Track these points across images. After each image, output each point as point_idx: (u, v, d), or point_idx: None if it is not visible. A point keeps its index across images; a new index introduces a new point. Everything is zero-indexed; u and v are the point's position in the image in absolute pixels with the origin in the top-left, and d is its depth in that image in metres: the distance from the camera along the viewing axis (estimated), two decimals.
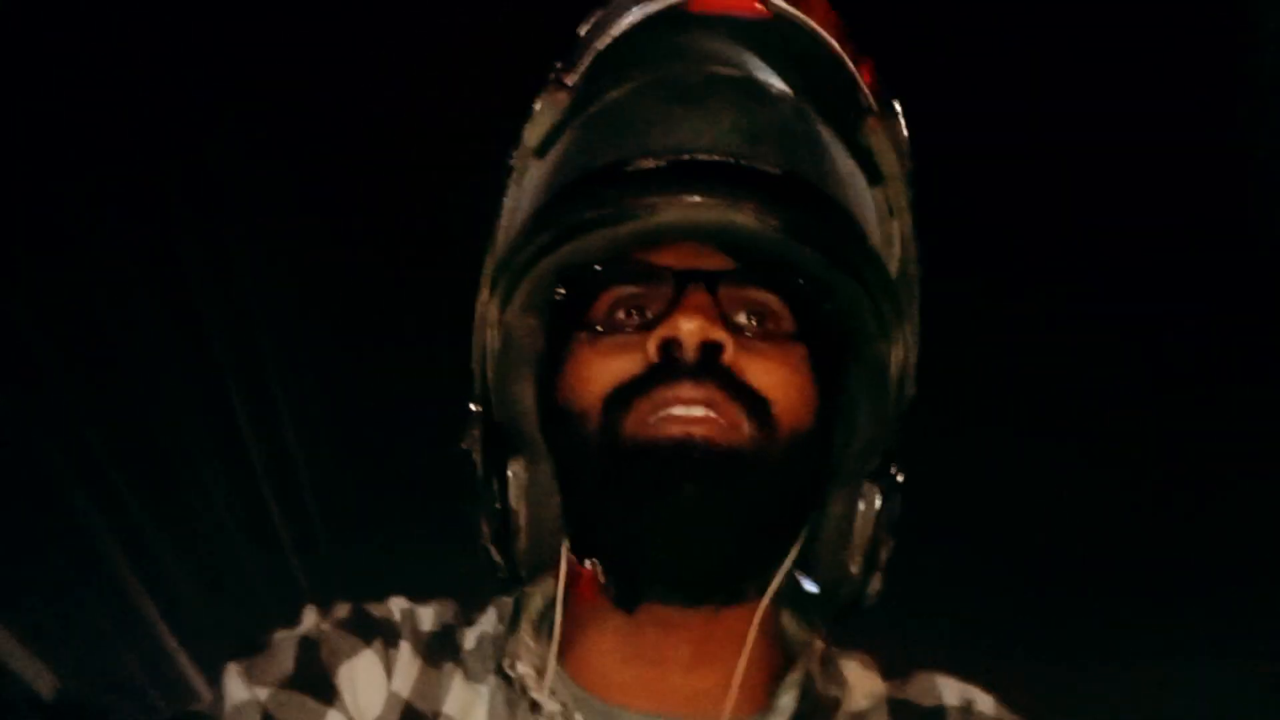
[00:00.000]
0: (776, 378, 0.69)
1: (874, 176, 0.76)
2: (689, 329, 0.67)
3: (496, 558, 0.76)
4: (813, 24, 0.73)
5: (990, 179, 1.98)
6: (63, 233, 2.11)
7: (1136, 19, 1.76)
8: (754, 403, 0.68)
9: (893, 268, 0.76)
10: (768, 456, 0.68)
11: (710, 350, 0.67)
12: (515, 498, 0.73)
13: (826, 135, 0.75)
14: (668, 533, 0.67)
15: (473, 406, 0.77)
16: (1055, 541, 2.77)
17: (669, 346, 0.68)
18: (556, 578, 0.74)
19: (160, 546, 2.85)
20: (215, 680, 0.75)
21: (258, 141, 1.99)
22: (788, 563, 0.72)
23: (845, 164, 0.75)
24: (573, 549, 0.73)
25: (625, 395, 0.68)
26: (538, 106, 0.76)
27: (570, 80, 0.74)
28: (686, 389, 0.67)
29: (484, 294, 0.76)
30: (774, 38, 0.74)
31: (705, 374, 0.67)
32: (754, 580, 0.72)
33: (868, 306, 0.72)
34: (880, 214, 0.76)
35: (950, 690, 0.77)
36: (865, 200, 0.76)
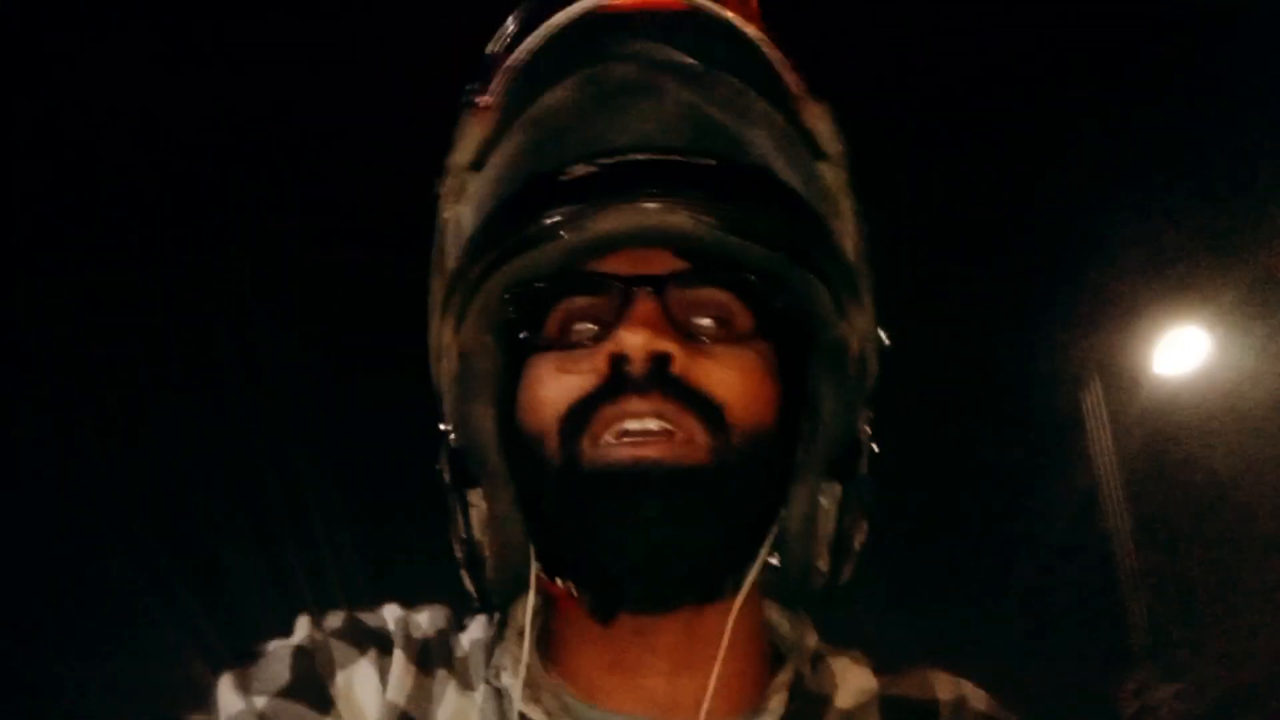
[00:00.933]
0: (730, 380, 0.68)
1: (818, 153, 0.74)
2: (633, 343, 0.66)
3: (468, 585, 0.75)
4: (729, 13, 0.71)
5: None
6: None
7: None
8: (707, 409, 0.67)
9: (847, 245, 0.75)
10: (724, 463, 0.67)
11: (659, 361, 0.67)
12: (478, 529, 0.73)
13: (768, 113, 0.73)
14: (631, 552, 0.67)
15: (442, 427, 0.77)
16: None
17: (617, 361, 0.67)
18: (530, 595, 0.73)
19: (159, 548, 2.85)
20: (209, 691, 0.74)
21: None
22: (761, 557, 0.72)
23: (790, 142, 0.73)
24: (543, 570, 0.73)
25: (578, 415, 0.67)
26: (462, 128, 0.74)
27: (485, 101, 0.73)
28: (634, 403, 0.66)
29: (435, 318, 0.74)
30: (697, 27, 0.72)
31: (653, 386, 0.66)
32: (727, 579, 0.71)
33: (822, 293, 0.71)
34: (830, 191, 0.74)
35: (943, 685, 0.76)
36: (814, 178, 0.74)
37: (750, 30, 0.72)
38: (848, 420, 0.75)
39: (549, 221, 0.68)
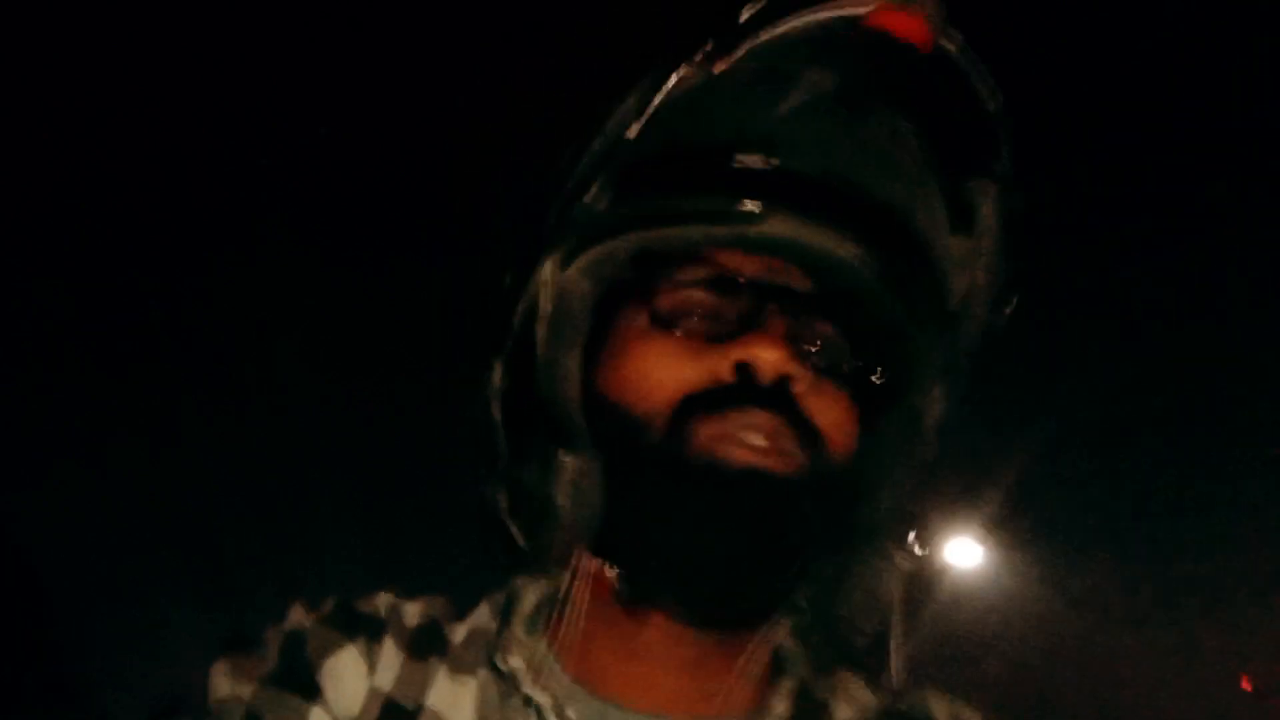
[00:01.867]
0: (833, 416, 0.69)
1: (964, 228, 0.73)
2: (769, 358, 0.66)
3: (519, 539, 0.74)
4: (974, 70, 0.70)
5: None
6: None
7: None
8: (812, 438, 0.67)
9: (960, 325, 0.74)
10: (815, 492, 0.67)
11: (784, 380, 0.67)
12: (562, 491, 0.70)
13: (930, 177, 0.72)
14: (710, 551, 0.66)
15: (497, 366, 0.74)
16: None
17: (745, 369, 0.66)
18: (563, 572, 0.72)
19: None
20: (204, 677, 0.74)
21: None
22: (792, 595, 0.71)
23: (938, 209, 0.73)
24: (593, 546, 0.71)
25: (693, 410, 0.67)
26: (674, 78, 0.70)
27: (719, 68, 0.70)
28: (760, 417, 0.66)
29: (537, 246, 0.72)
30: (929, 71, 0.70)
31: (776, 404, 0.66)
32: (766, 610, 0.70)
33: (927, 359, 0.71)
34: (960, 265, 0.74)
35: (940, 705, 0.76)
36: (947, 248, 0.73)
37: (984, 94, 0.70)
38: (906, 488, 0.74)
39: (714, 205, 0.68)
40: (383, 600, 0.77)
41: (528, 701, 0.70)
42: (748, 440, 0.66)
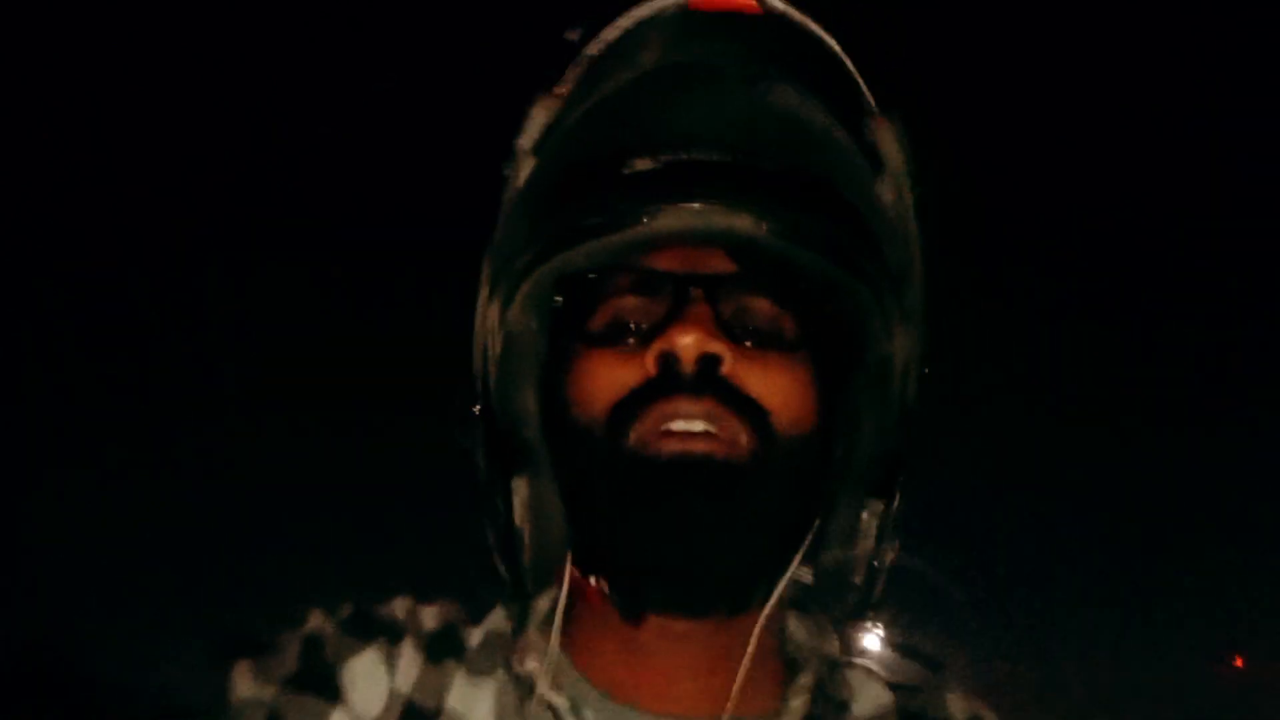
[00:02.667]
0: (776, 387, 0.68)
1: (879, 168, 0.74)
2: (685, 343, 0.66)
3: (502, 572, 0.75)
4: (811, 23, 0.72)
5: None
6: None
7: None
8: (753, 413, 0.67)
9: (901, 263, 0.75)
10: (766, 468, 0.67)
11: (708, 363, 0.67)
12: (520, 516, 0.73)
13: (831, 126, 0.73)
14: (671, 548, 0.67)
15: (476, 410, 0.77)
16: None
17: (667, 360, 0.67)
18: (560, 587, 0.73)
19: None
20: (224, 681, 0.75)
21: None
22: (791, 570, 0.72)
23: (851, 155, 0.73)
24: (576, 562, 0.73)
25: (626, 410, 0.67)
26: (532, 113, 0.74)
27: (560, 90, 0.73)
28: (684, 404, 0.66)
29: (484, 294, 0.75)
30: (774, 35, 0.72)
31: (703, 388, 0.66)
32: (757, 590, 0.71)
33: (872, 306, 0.71)
34: (887, 208, 0.74)
35: (958, 705, 0.76)
36: (871, 193, 0.74)
37: (830, 43, 0.72)
38: (887, 437, 0.75)
39: (607, 215, 0.69)
40: (400, 605, 0.77)
41: (544, 705, 0.71)
42: (677, 429, 0.66)
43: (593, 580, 0.71)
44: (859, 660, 0.78)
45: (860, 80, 0.73)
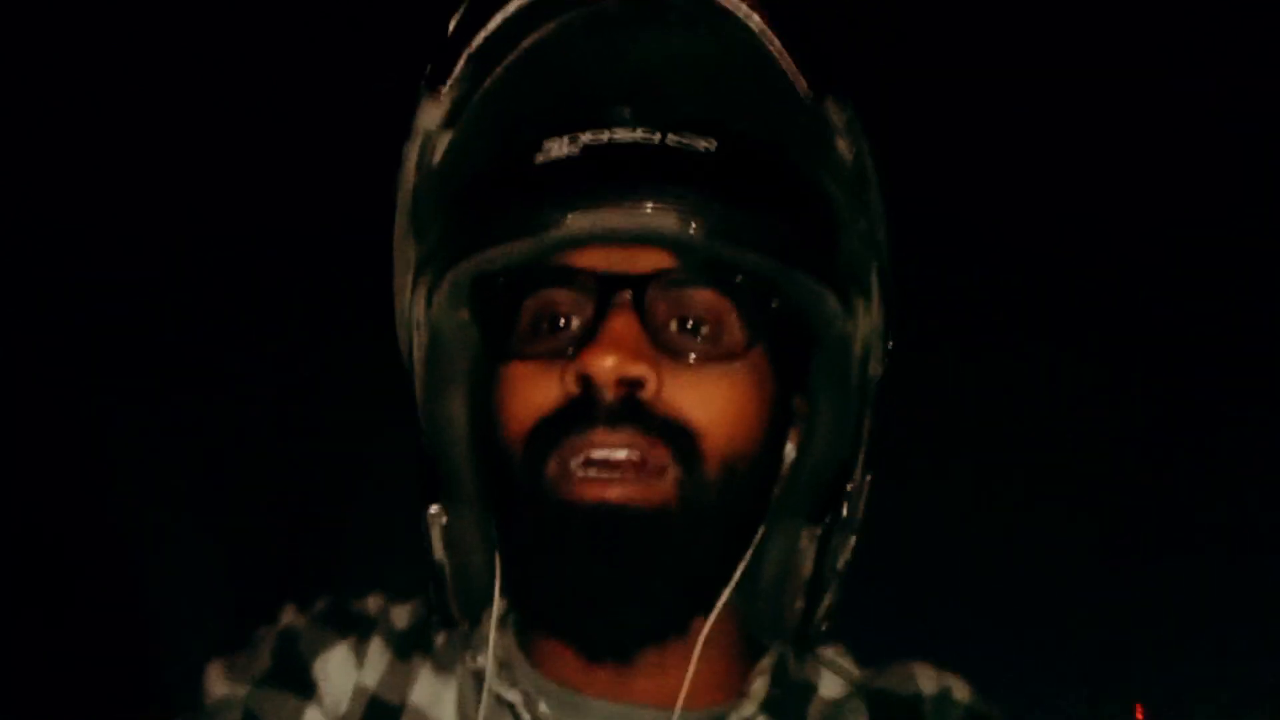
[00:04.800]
0: (711, 404, 0.63)
1: (829, 132, 0.66)
2: (604, 367, 0.60)
3: (431, 599, 0.72)
4: None
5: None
6: None
7: None
8: (680, 440, 0.62)
9: (857, 236, 0.69)
10: (694, 501, 0.62)
11: (630, 386, 0.61)
12: (438, 547, 0.69)
13: (781, 78, 0.64)
14: (590, 598, 0.62)
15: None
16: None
17: (587, 384, 0.61)
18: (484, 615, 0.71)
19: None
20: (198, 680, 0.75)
21: None
22: (727, 593, 0.67)
23: (808, 113, 0.65)
24: (505, 588, 0.69)
25: (544, 436, 0.63)
26: (426, 102, 0.66)
27: (443, 91, 0.65)
28: (601, 434, 0.61)
29: (405, 289, 0.69)
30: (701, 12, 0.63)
31: (623, 416, 0.61)
32: (690, 618, 0.67)
33: (825, 294, 0.66)
34: (845, 174, 0.68)
35: (927, 679, 0.74)
36: (830, 157, 0.68)
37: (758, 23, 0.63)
38: (842, 438, 0.70)
39: (518, 217, 0.63)
40: (373, 601, 0.77)
41: (499, 700, 0.69)
42: (598, 457, 0.61)
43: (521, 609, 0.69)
44: (829, 642, 0.77)
45: (798, 61, 0.64)
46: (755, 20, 0.62)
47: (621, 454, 0.61)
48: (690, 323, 0.64)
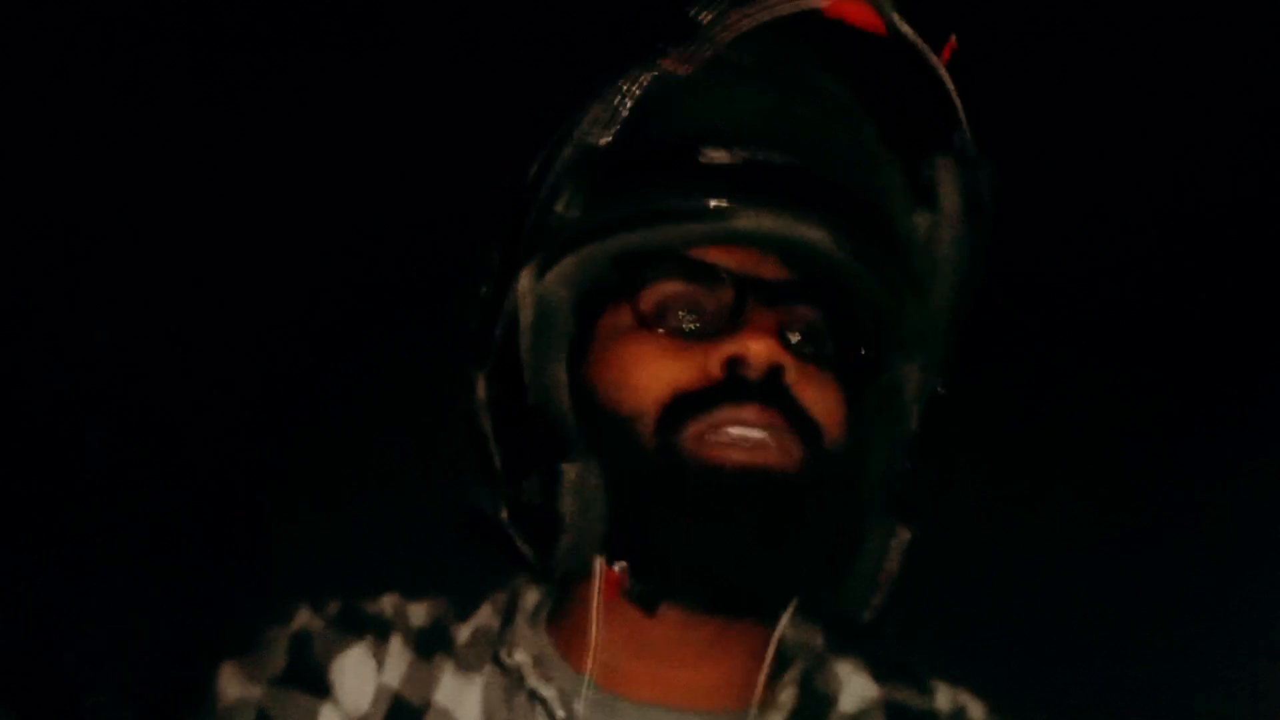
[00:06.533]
0: (826, 404, 0.68)
1: (927, 204, 0.74)
2: (758, 350, 0.66)
3: (526, 553, 0.73)
4: (927, 52, 0.70)
5: None
6: None
7: None
8: (807, 427, 0.67)
9: (930, 297, 0.75)
10: (818, 483, 0.66)
11: (775, 373, 0.66)
12: (566, 500, 0.69)
13: (887, 155, 0.73)
14: (719, 554, 0.65)
15: (480, 380, 0.74)
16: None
17: (735, 364, 0.66)
18: (572, 574, 0.73)
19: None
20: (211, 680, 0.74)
21: None
22: (813, 580, 0.70)
23: (900, 184, 0.74)
24: (605, 549, 0.70)
25: (684, 408, 0.66)
26: (640, 81, 0.70)
27: (683, 70, 0.70)
28: (752, 412, 0.65)
29: (505, 253, 0.73)
30: (886, 55, 0.71)
31: (769, 397, 0.66)
32: (776, 602, 0.71)
33: (901, 334, 0.72)
34: (926, 242, 0.74)
35: (943, 694, 0.77)
36: (911, 225, 0.74)
37: (937, 70, 0.70)
38: (895, 462, 0.74)
39: (686, 204, 0.68)
40: (388, 601, 0.77)
41: (533, 695, 0.71)
42: (742, 437, 0.65)
43: (616, 567, 0.69)
44: (847, 653, 0.79)
45: (957, 118, 0.72)
46: (932, 59, 0.70)
47: (759, 434, 0.65)
48: (803, 331, 0.70)
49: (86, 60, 1.64)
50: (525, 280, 0.71)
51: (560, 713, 0.70)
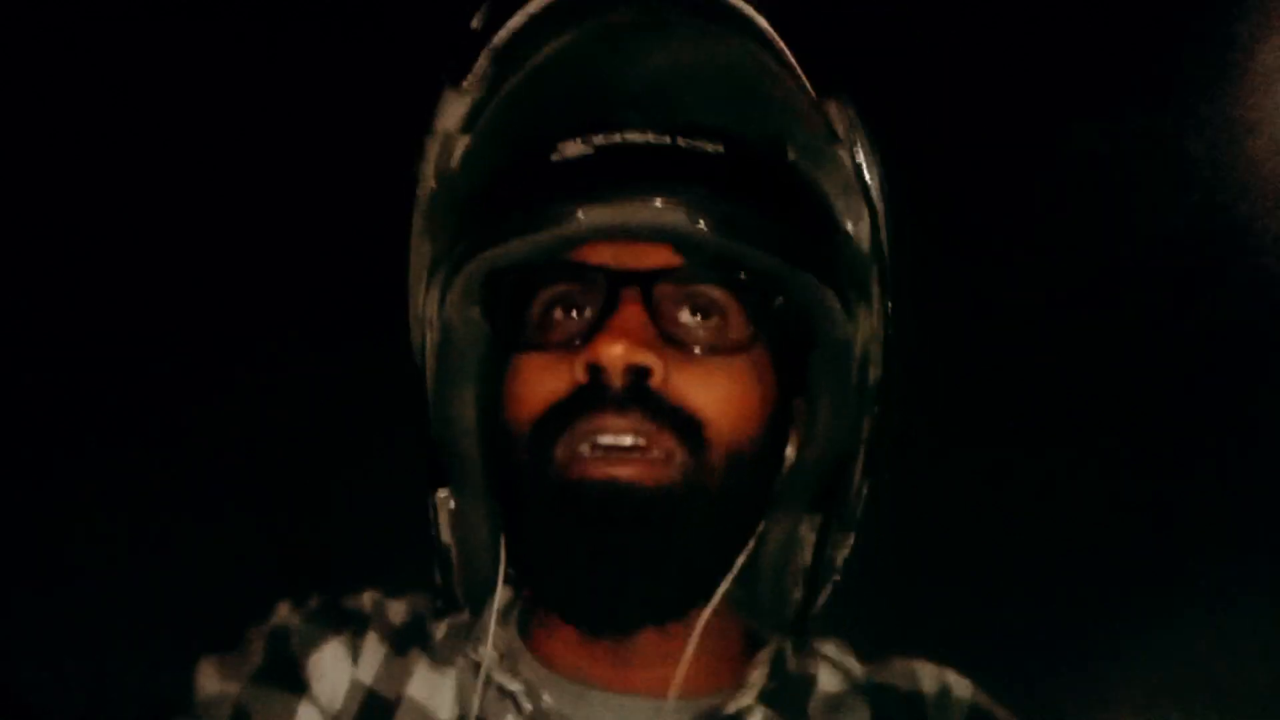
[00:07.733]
0: (716, 394, 0.65)
1: (834, 136, 0.69)
2: (611, 354, 0.63)
3: (438, 582, 0.73)
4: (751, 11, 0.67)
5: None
6: None
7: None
8: (686, 426, 0.64)
9: (861, 238, 0.71)
10: (699, 485, 0.64)
11: (637, 374, 0.63)
12: (445, 530, 0.71)
13: (791, 88, 0.68)
14: (596, 576, 0.64)
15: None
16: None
17: (595, 372, 0.63)
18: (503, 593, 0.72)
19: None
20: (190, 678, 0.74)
21: None
22: (729, 580, 0.69)
23: (810, 120, 0.69)
24: (514, 571, 0.71)
25: (553, 421, 0.64)
26: (445, 99, 0.69)
27: (466, 84, 0.68)
28: (610, 419, 0.63)
29: (419, 286, 0.72)
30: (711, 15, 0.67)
31: (631, 401, 0.63)
32: (693, 601, 0.68)
33: (827, 294, 0.68)
34: (846, 177, 0.70)
35: (927, 675, 0.75)
36: (828, 161, 0.70)
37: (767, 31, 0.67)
38: (841, 439, 0.72)
39: (533, 211, 0.65)
40: (368, 597, 0.77)
41: (501, 690, 0.70)
42: (605, 443, 0.63)
43: (525, 592, 0.70)
44: (830, 636, 0.78)
45: (797, 70, 0.68)
46: (761, 22, 0.66)
47: (628, 440, 0.63)
48: (696, 316, 0.66)
49: (80, 59, 1.65)
50: (431, 307, 0.70)
51: (528, 705, 0.69)
